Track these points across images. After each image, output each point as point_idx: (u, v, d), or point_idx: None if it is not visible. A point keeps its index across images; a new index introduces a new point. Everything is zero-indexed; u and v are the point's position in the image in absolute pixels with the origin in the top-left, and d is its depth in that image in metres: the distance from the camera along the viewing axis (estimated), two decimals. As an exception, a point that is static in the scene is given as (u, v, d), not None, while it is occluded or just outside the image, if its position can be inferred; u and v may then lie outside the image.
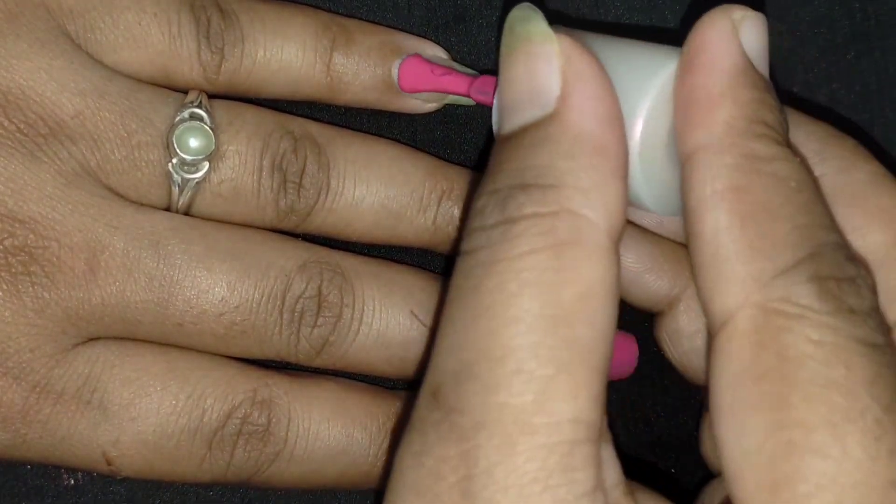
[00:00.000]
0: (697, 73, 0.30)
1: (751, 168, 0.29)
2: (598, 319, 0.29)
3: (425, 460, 0.28)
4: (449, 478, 0.28)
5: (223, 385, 0.35)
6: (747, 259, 0.29)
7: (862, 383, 0.27)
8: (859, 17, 0.40)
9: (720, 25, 0.30)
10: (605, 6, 0.40)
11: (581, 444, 0.28)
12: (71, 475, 0.37)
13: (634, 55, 0.32)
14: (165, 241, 0.34)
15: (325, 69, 0.36)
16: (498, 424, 0.28)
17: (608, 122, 0.30)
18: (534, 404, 0.28)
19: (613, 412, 0.39)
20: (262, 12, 0.36)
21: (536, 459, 0.28)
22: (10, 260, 0.33)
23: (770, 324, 0.28)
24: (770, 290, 0.28)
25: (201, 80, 0.36)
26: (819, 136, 0.33)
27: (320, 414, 0.36)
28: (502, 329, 0.28)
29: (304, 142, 0.36)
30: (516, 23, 0.31)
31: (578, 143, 0.29)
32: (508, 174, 0.30)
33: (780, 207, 0.29)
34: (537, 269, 0.28)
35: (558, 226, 0.29)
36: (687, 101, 0.30)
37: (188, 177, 0.35)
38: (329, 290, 0.35)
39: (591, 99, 0.30)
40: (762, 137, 0.29)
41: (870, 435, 0.27)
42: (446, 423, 0.28)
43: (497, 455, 0.28)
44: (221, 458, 0.35)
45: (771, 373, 0.28)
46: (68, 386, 0.34)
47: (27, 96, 0.34)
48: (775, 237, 0.28)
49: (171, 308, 0.34)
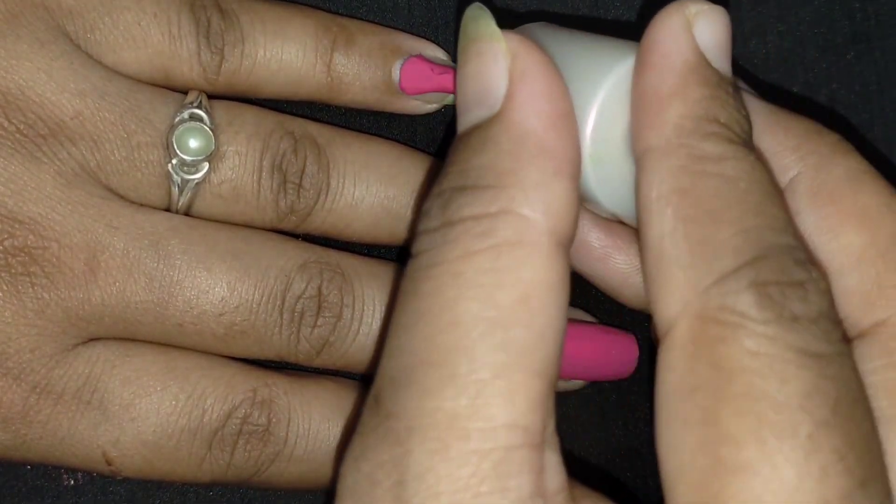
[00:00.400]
0: (648, 71, 0.30)
1: (697, 169, 0.28)
2: (538, 322, 0.28)
3: (362, 465, 0.28)
4: (383, 483, 0.27)
5: (223, 385, 0.35)
6: (687, 265, 0.28)
7: (796, 396, 0.26)
8: (859, 17, 0.40)
9: (673, 21, 0.30)
10: (604, 6, 0.40)
11: (517, 450, 0.27)
12: (71, 475, 0.37)
13: (594, 51, 0.31)
14: (165, 242, 0.34)
15: (325, 69, 0.36)
16: (431, 429, 0.27)
17: (554, 120, 0.29)
18: (468, 409, 0.27)
19: (614, 412, 0.39)
20: (262, 12, 0.36)
21: (469, 465, 0.27)
22: (10, 260, 0.33)
23: (706, 334, 0.27)
24: (708, 298, 0.27)
25: (201, 81, 0.36)
26: (797, 133, 0.32)
27: (320, 414, 0.36)
28: (438, 334, 0.28)
29: (304, 142, 0.36)
30: (467, 23, 0.31)
31: (521, 143, 0.29)
32: (452, 176, 0.29)
33: (725, 210, 0.28)
34: (475, 272, 0.28)
35: (498, 227, 0.28)
36: (639, 100, 0.30)
37: (188, 177, 0.35)
38: (329, 290, 0.35)
39: (537, 97, 0.29)
40: (712, 136, 0.29)
41: (800, 452, 0.26)
42: (382, 427, 0.28)
43: (429, 460, 0.27)
44: (221, 459, 0.35)
45: (704, 385, 0.27)
46: (68, 386, 0.34)
47: (27, 97, 0.34)
48: (717, 241, 0.28)
49: (171, 308, 0.34)
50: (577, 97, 0.30)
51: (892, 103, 0.40)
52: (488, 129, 0.29)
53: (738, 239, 0.27)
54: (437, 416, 0.27)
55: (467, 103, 0.30)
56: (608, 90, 0.30)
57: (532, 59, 0.29)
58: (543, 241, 0.28)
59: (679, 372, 0.27)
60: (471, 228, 0.28)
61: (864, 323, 0.30)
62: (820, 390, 0.26)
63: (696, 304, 0.27)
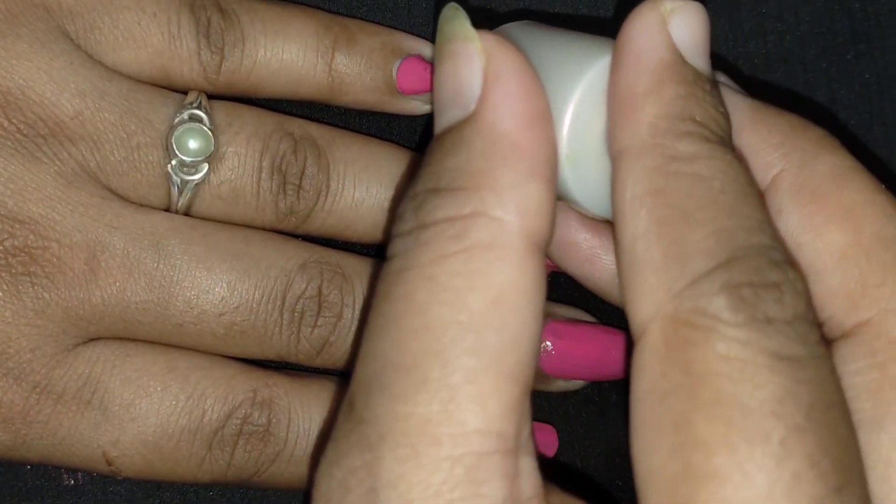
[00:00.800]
0: (623, 70, 0.29)
1: (671, 170, 0.28)
2: (511, 325, 0.27)
3: (335, 471, 0.28)
4: (356, 489, 0.27)
5: (223, 385, 0.35)
6: (660, 267, 0.27)
7: (768, 402, 0.26)
8: (859, 17, 0.40)
9: (648, 18, 0.29)
10: (604, 6, 0.39)
11: (490, 456, 0.27)
12: (71, 475, 0.37)
13: (571, 49, 0.31)
14: (165, 242, 0.34)
15: (326, 69, 0.36)
16: (402, 435, 0.27)
17: (528, 120, 0.29)
18: (440, 414, 0.27)
19: (614, 412, 0.39)
20: (262, 12, 0.36)
21: (441, 471, 0.26)
22: (10, 260, 0.33)
23: (678, 337, 0.26)
24: (681, 301, 0.27)
25: (201, 80, 0.36)
26: (782, 129, 0.31)
27: (321, 414, 0.36)
28: (410, 338, 0.27)
29: (304, 143, 0.36)
30: (443, 23, 0.30)
31: (494, 144, 0.28)
32: (426, 178, 0.29)
33: (698, 210, 0.27)
34: (447, 275, 0.27)
35: (470, 229, 0.28)
36: (614, 99, 0.29)
37: (187, 178, 0.35)
38: (329, 290, 0.35)
39: (511, 97, 0.29)
40: (686, 136, 0.28)
41: (772, 458, 0.25)
42: (355, 433, 0.27)
43: (400, 467, 0.27)
44: (222, 459, 0.35)
45: (676, 390, 0.26)
46: (69, 386, 0.34)
47: (27, 97, 0.34)
48: (690, 243, 0.27)
49: (172, 308, 0.34)
50: (553, 96, 0.30)
51: (892, 103, 0.40)
52: (462, 131, 0.29)
53: (711, 240, 0.27)
54: (409, 421, 0.27)
55: (442, 104, 0.30)
56: (584, 89, 0.30)
57: (507, 58, 0.29)
58: (516, 244, 0.28)
59: (652, 376, 0.27)
60: (443, 231, 0.28)
61: (847, 323, 0.30)
62: (793, 395, 0.26)
63: (669, 307, 0.27)
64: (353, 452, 0.27)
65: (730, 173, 0.28)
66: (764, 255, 0.27)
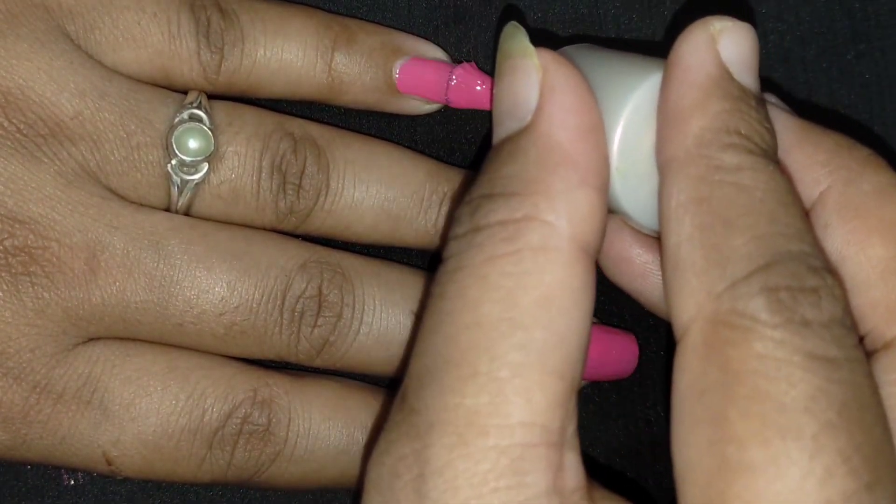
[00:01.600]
0: (673, 85, 0.30)
1: (714, 179, 0.29)
2: (559, 324, 0.29)
3: (385, 458, 0.29)
4: (404, 476, 0.28)
5: (223, 385, 0.35)
6: (702, 270, 0.28)
7: (801, 398, 0.27)
8: (859, 17, 0.40)
9: (697, 37, 0.30)
10: (604, 6, 0.40)
11: (534, 448, 0.28)
12: (71, 475, 0.37)
13: (624, 67, 0.32)
14: (165, 241, 0.34)
15: (326, 69, 0.36)
16: (450, 424, 0.28)
17: (581, 132, 0.30)
18: (488, 406, 0.28)
19: (614, 412, 0.39)
20: (262, 11, 0.36)
21: (487, 461, 0.28)
22: (10, 260, 0.33)
23: (717, 337, 0.28)
24: (721, 302, 0.28)
25: (201, 80, 0.36)
26: (827, 147, 0.33)
27: (321, 414, 0.36)
28: (461, 334, 0.29)
29: (304, 143, 0.36)
30: (503, 40, 0.32)
31: (547, 153, 0.30)
32: (482, 184, 0.30)
33: (739, 217, 0.29)
34: (498, 275, 0.29)
35: (521, 232, 0.29)
36: (664, 113, 0.31)
37: (187, 178, 0.35)
38: (329, 289, 0.35)
39: (566, 110, 0.30)
40: (731, 147, 0.29)
41: (805, 453, 0.26)
42: (405, 423, 0.29)
43: (448, 455, 0.28)
44: (222, 458, 0.35)
45: (714, 387, 0.27)
46: (69, 386, 0.34)
47: (27, 97, 0.34)
48: (731, 248, 0.28)
49: (172, 308, 0.34)
50: (606, 112, 0.31)
51: (892, 103, 0.40)
52: (518, 141, 0.30)
53: (752, 245, 0.28)
54: (457, 412, 0.28)
55: (501, 116, 0.31)
56: (635, 104, 0.31)
57: (562, 74, 0.30)
58: (566, 247, 0.29)
59: (691, 374, 0.28)
60: (496, 233, 0.29)
61: (888, 335, 0.31)
62: (826, 393, 0.27)
63: (709, 309, 0.28)
64: (402, 441, 0.29)
65: (771, 184, 0.29)
66: (802, 261, 0.28)
